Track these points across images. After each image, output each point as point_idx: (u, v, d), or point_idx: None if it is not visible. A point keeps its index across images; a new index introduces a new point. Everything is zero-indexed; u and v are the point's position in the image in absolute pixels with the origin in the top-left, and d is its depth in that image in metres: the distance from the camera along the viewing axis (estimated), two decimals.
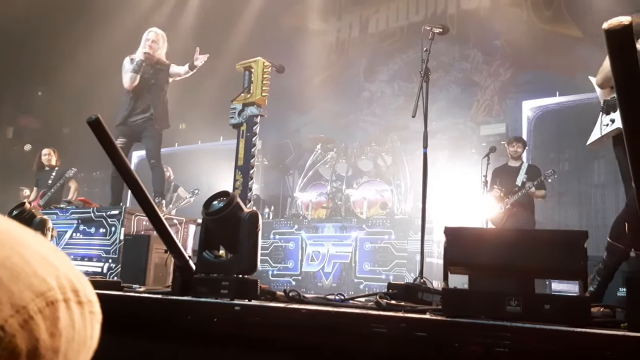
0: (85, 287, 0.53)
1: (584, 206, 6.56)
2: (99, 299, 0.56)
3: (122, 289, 3.20)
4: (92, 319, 0.53)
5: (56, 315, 0.48)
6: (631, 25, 1.37)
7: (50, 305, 0.48)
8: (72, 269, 0.52)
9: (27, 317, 0.46)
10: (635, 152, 1.50)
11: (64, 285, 0.50)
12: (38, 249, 0.50)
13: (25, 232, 0.52)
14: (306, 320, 2.22)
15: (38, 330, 0.46)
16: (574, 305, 1.85)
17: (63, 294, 0.49)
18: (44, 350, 0.46)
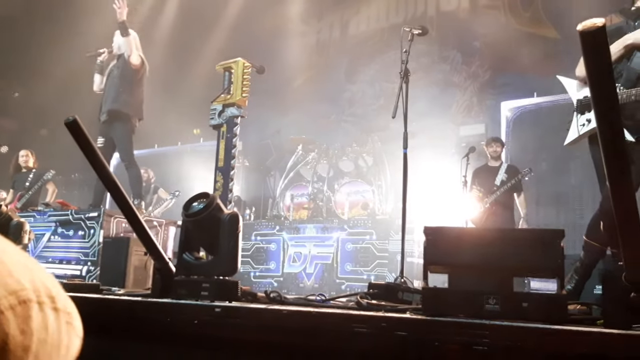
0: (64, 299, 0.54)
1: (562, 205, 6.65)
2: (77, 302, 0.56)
3: (101, 291, 3.16)
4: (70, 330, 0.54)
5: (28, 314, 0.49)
6: (605, 27, 1.39)
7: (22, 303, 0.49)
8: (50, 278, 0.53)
9: None
10: (609, 151, 1.53)
11: (38, 289, 0.51)
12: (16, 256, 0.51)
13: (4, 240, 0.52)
14: (287, 321, 2.22)
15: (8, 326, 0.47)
16: (551, 302, 1.88)
17: (37, 297, 0.50)
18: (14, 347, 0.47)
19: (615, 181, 1.58)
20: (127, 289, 4.08)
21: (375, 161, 8.40)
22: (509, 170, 6.49)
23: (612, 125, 1.49)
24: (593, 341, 1.67)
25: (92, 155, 2.53)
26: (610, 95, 1.46)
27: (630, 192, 1.59)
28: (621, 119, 1.51)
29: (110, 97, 6.10)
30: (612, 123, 1.49)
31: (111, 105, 6.07)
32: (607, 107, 1.48)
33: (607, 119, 1.49)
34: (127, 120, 6.12)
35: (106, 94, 6.18)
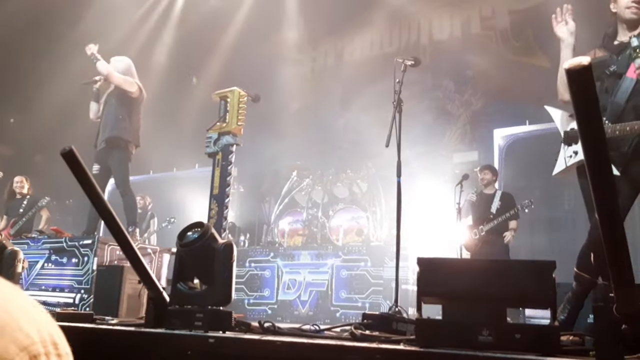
0: (63, 340, 0.56)
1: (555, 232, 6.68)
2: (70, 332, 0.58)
3: (94, 321, 3.14)
4: None
5: None
6: (590, 66, 1.43)
7: (33, 358, 0.51)
8: (51, 322, 0.56)
9: None
10: (597, 184, 1.56)
11: (45, 339, 0.53)
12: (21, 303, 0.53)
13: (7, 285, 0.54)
14: (281, 352, 2.22)
15: None
16: (544, 334, 1.89)
17: (44, 347, 0.53)
18: None
19: (604, 215, 1.61)
20: (121, 317, 4.05)
21: (370, 187, 8.43)
22: (504, 198, 6.51)
23: (601, 162, 1.52)
24: None
25: (88, 184, 2.55)
26: (597, 132, 1.50)
27: (619, 225, 1.62)
28: (609, 154, 1.54)
29: (109, 124, 6.11)
30: (601, 159, 1.53)
31: (110, 133, 6.07)
32: (595, 141, 1.52)
33: (595, 152, 1.53)
34: (124, 148, 6.13)
35: (104, 121, 6.19)
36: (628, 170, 3.13)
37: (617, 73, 3.30)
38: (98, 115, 6.27)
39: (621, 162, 3.12)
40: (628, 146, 3.15)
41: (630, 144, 3.15)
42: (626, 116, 3.19)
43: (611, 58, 3.38)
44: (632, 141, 3.15)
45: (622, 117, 3.19)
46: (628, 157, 3.15)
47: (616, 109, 3.22)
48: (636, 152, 3.16)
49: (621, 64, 3.29)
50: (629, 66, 3.20)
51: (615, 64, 3.32)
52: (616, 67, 3.31)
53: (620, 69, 3.30)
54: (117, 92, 6.19)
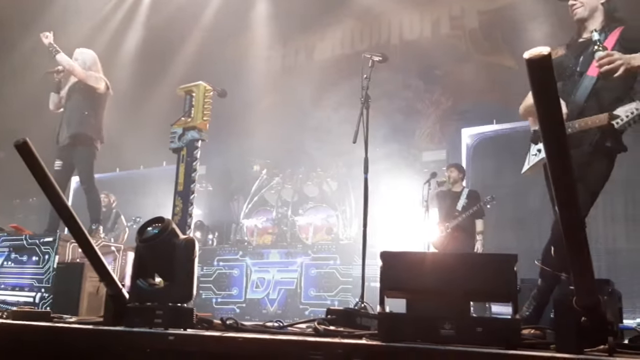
0: None
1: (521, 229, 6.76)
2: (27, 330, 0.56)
3: (51, 319, 3.05)
4: None
5: None
6: (550, 56, 1.43)
7: None
8: None
9: None
10: (557, 176, 1.56)
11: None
12: None
13: None
14: (243, 348, 2.17)
15: None
16: (505, 327, 1.88)
17: None
18: None
19: (564, 208, 1.61)
20: (80, 316, 3.95)
21: (340, 186, 8.43)
22: (470, 196, 6.57)
23: (560, 154, 1.52)
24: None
25: (43, 178, 2.46)
26: (556, 120, 1.49)
27: (579, 220, 1.62)
28: (568, 145, 1.54)
29: (74, 120, 5.94)
30: (560, 151, 1.52)
31: (76, 129, 5.90)
32: (554, 133, 1.51)
33: (554, 144, 1.52)
34: (90, 144, 5.99)
35: (68, 116, 6.01)
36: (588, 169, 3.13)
37: (578, 72, 3.31)
38: (59, 106, 6.10)
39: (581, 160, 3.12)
40: (589, 144, 3.17)
41: (590, 143, 3.17)
42: (586, 115, 3.21)
43: (567, 57, 3.38)
44: (592, 139, 3.16)
45: (581, 115, 3.21)
46: (588, 155, 3.15)
47: (576, 108, 3.23)
48: (596, 151, 3.17)
49: (584, 63, 3.32)
50: (590, 64, 3.22)
51: (573, 62, 3.33)
52: (576, 66, 3.32)
53: (582, 68, 3.31)
54: (81, 86, 6.02)
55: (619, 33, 3.23)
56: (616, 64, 2.98)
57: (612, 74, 3.01)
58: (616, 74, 3.00)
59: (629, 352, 1.89)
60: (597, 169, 3.19)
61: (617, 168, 3.30)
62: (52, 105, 6.13)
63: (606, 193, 3.38)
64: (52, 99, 6.11)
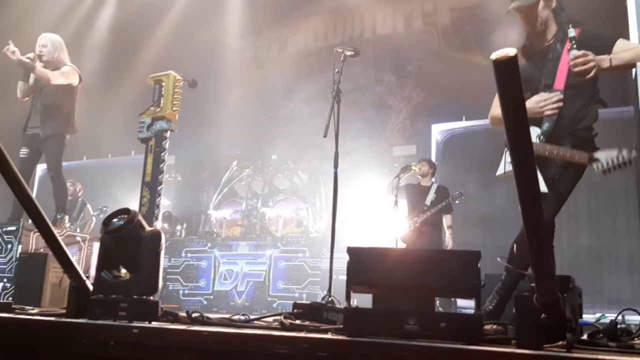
0: None
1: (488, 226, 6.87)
2: None
3: (13, 310, 2.99)
4: None
5: None
6: (516, 57, 1.45)
7: None
8: None
9: None
10: (520, 176, 1.58)
11: None
12: None
13: None
14: (208, 342, 2.16)
15: None
16: (468, 323, 1.92)
17: None
18: None
19: (527, 208, 1.64)
20: (43, 307, 3.88)
21: (310, 179, 8.43)
22: (439, 191, 6.63)
23: (523, 149, 1.55)
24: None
25: (5, 166, 2.40)
26: (521, 119, 1.52)
27: (541, 219, 1.65)
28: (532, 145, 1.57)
29: (47, 113, 5.83)
30: (523, 147, 1.55)
31: (49, 124, 5.81)
32: (519, 132, 1.54)
33: (519, 143, 1.55)
34: (60, 135, 5.92)
35: (40, 108, 5.88)
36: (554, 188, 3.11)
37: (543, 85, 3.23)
38: (27, 94, 5.96)
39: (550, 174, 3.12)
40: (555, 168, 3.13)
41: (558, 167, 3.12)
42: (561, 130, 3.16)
43: (531, 68, 3.26)
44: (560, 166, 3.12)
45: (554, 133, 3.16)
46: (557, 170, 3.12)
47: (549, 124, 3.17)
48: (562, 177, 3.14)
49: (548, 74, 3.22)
50: (555, 76, 3.16)
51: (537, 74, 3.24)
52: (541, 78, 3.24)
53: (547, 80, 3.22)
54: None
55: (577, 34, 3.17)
56: (590, 65, 2.92)
57: (585, 75, 2.95)
58: (588, 76, 2.95)
59: (586, 348, 1.94)
60: (566, 179, 3.16)
61: None
62: (20, 93, 5.97)
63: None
64: (20, 87, 5.95)
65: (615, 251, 6.41)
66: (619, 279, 6.24)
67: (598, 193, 6.41)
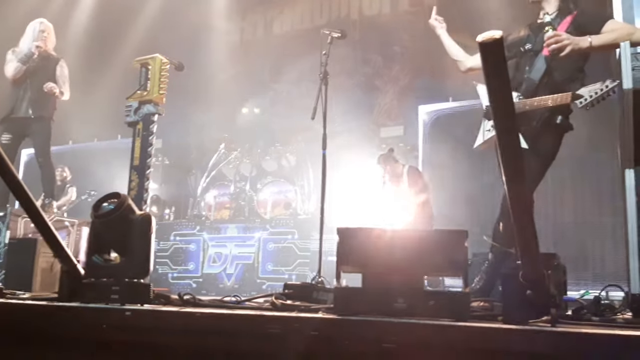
0: None
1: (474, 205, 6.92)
2: None
3: (4, 295, 3.00)
4: None
5: None
6: (502, 39, 1.47)
7: None
8: None
9: None
10: (506, 154, 1.62)
11: None
12: None
13: None
14: (200, 323, 2.19)
15: None
16: (455, 300, 1.96)
17: None
18: None
19: (512, 184, 1.67)
20: (34, 292, 3.89)
21: (299, 161, 8.44)
22: (410, 173, 6.59)
23: (509, 131, 1.58)
24: (493, 336, 1.75)
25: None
26: (506, 102, 1.54)
27: (525, 195, 1.69)
28: (517, 126, 1.60)
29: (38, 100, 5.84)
30: (509, 129, 1.58)
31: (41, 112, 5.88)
32: (504, 114, 1.57)
33: (504, 123, 1.58)
34: (47, 119, 5.92)
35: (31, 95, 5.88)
36: (536, 145, 3.27)
37: (533, 51, 3.46)
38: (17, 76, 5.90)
39: (530, 135, 3.26)
40: (537, 120, 3.31)
41: (539, 119, 3.31)
42: (540, 93, 3.34)
43: (529, 37, 3.52)
44: (542, 116, 3.30)
45: (535, 93, 3.34)
46: (537, 130, 3.30)
47: (530, 85, 3.37)
48: (544, 126, 3.31)
49: (538, 42, 3.44)
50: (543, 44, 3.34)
51: (532, 42, 3.47)
52: (532, 45, 3.46)
53: (536, 47, 3.45)
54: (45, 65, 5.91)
55: (572, 17, 3.37)
56: (563, 44, 3.17)
57: (559, 52, 3.20)
58: (562, 53, 3.19)
59: (570, 322, 2.00)
60: (545, 142, 3.33)
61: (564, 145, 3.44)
62: (13, 71, 5.89)
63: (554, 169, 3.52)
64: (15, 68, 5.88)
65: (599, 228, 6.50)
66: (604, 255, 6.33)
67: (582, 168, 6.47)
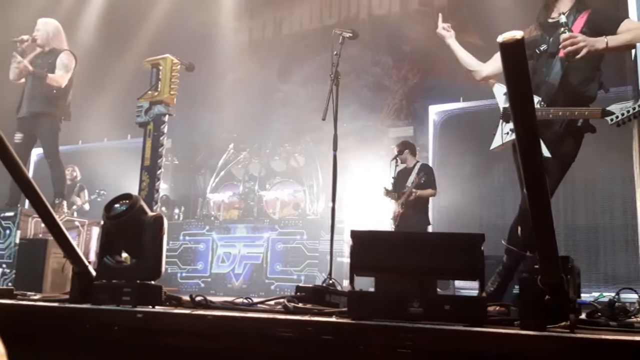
0: None
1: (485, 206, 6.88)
2: None
3: (15, 296, 2.99)
4: None
5: None
6: (523, 40, 1.44)
7: None
8: None
9: None
10: (527, 157, 1.59)
11: None
12: None
13: None
14: (212, 326, 2.18)
15: None
16: (471, 305, 1.93)
17: None
18: None
19: (532, 187, 1.64)
20: (44, 293, 3.89)
21: (307, 161, 8.43)
22: (421, 171, 6.51)
23: (530, 134, 1.55)
24: (510, 342, 1.72)
25: (4, 152, 2.38)
26: (528, 105, 1.51)
27: (546, 199, 1.66)
28: (538, 128, 1.57)
29: (38, 96, 5.79)
30: (530, 132, 1.55)
31: (42, 109, 5.80)
32: (525, 114, 1.54)
33: (525, 125, 1.55)
34: (53, 118, 5.88)
35: (32, 92, 5.83)
36: (558, 149, 3.23)
37: (549, 52, 3.39)
38: (20, 77, 5.91)
39: (553, 140, 3.21)
40: (560, 125, 3.26)
41: (562, 124, 3.26)
42: (559, 96, 3.28)
43: (542, 37, 3.46)
44: (564, 121, 3.25)
45: (555, 97, 3.28)
46: (560, 135, 3.25)
47: (550, 89, 3.30)
48: (567, 131, 3.26)
49: (554, 43, 3.37)
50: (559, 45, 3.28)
51: (547, 43, 3.41)
52: (548, 47, 3.40)
53: (552, 48, 3.38)
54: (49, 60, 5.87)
55: (587, 16, 3.30)
56: (579, 46, 3.11)
57: (575, 55, 3.14)
58: (578, 56, 3.13)
59: (587, 328, 1.97)
60: (567, 146, 3.29)
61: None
62: (13, 74, 5.91)
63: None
64: (13, 69, 5.89)
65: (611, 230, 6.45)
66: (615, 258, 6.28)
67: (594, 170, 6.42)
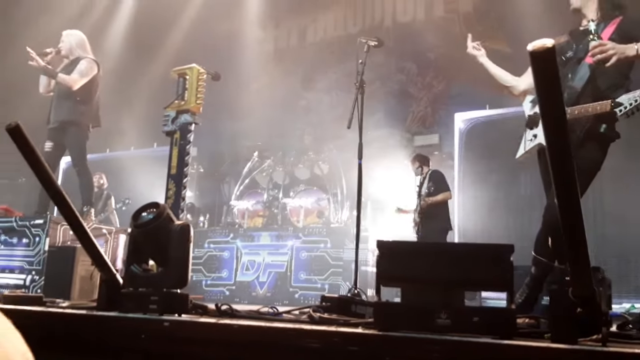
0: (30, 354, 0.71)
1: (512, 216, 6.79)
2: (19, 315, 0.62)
3: (44, 304, 3.03)
4: None
5: None
6: (554, 48, 1.42)
7: None
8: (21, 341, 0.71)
9: None
10: (558, 166, 1.55)
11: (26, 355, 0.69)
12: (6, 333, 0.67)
13: None
14: (238, 335, 2.18)
15: None
16: (501, 317, 1.90)
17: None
18: None
19: (563, 197, 1.61)
20: (73, 300, 3.94)
21: (331, 169, 8.42)
22: (432, 177, 6.48)
23: (560, 142, 1.52)
24: (541, 356, 1.69)
25: (36, 162, 2.43)
26: (558, 112, 1.49)
27: (577, 209, 1.62)
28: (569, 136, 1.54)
29: (65, 105, 5.88)
30: (560, 139, 1.52)
31: (67, 116, 5.87)
32: (556, 125, 1.51)
33: (555, 134, 1.52)
34: (80, 126, 5.97)
35: (59, 101, 5.94)
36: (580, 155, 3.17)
37: (575, 58, 3.36)
38: (49, 89, 6.02)
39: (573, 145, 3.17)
40: (580, 130, 3.21)
41: (582, 128, 3.21)
42: (582, 101, 3.24)
43: (568, 44, 3.43)
44: (585, 125, 3.21)
45: (577, 102, 3.25)
46: (580, 140, 3.21)
47: (572, 93, 3.28)
48: (588, 136, 3.21)
49: (581, 50, 3.34)
50: (587, 51, 3.24)
51: (574, 50, 3.38)
52: (574, 53, 3.37)
53: (578, 54, 3.35)
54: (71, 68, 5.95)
55: (617, 23, 3.26)
56: (608, 54, 3.06)
57: (604, 62, 3.09)
58: (608, 63, 3.08)
59: (621, 341, 1.91)
60: (589, 152, 3.23)
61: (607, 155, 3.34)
62: (42, 88, 6.04)
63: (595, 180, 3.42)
64: (42, 82, 6.02)
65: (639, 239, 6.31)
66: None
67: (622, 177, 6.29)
